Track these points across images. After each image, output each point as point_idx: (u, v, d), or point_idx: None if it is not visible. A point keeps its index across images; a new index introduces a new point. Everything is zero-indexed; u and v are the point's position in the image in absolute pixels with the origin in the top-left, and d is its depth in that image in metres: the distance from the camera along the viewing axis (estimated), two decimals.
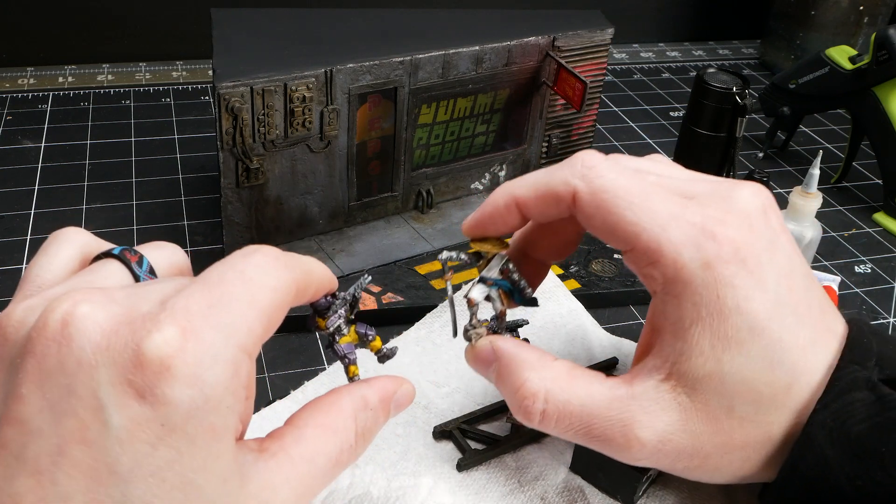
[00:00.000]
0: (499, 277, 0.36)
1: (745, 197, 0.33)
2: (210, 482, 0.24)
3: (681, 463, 0.32)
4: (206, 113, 0.78)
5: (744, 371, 0.31)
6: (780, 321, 0.31)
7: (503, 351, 0.35)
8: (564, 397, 0.33)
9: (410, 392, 0.32)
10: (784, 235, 0.33)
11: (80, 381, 0.23)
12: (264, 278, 0.26)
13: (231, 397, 0.24)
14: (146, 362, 0.23)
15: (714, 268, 0.31)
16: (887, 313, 0.58)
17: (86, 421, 0.23)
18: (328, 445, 0.28)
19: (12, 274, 0.55)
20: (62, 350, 0.23)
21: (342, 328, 0.33)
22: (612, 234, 0.33)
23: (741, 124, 0.54)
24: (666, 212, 0.32)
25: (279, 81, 0.50)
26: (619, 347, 0.48)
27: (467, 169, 0.63)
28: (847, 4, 0.90)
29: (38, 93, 0.80)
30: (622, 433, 0.32)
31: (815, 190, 0.52)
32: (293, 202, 0.55)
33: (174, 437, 0.23)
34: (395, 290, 0.54)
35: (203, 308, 0.24)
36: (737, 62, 1.02)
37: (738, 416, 0.31)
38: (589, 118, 0.67)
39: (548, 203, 0.34)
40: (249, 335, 0.25)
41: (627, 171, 0.33)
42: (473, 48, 0.57)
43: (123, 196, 0.64)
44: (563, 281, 0.54)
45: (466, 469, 0.39)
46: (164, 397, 0.23)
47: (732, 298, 0.30)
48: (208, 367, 0.24)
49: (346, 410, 0.29)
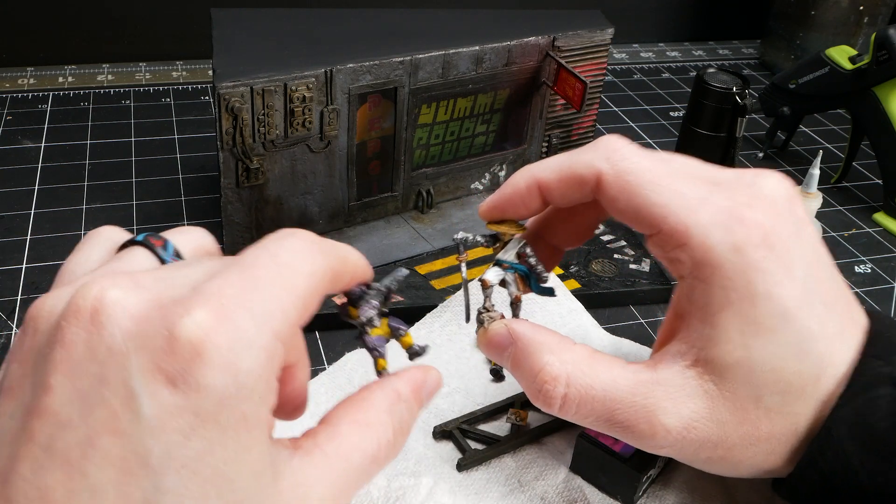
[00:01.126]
0: (515, 261, 0.35)
1: (771, 185, 0.32)
2: (242, 475, 0.23)
3: (704, 453, 0.31)
4: (206, 113, 0.78)
5: (773, 359, 0.30)
6: (809, 309, 0.30)
7: (520, 333, 0.33)
8: (586, 381, 0.31)
9: (438, 379, 0.31)
10: (809, 226, 0.33)
11: (111, 369, 0.22)
12: (300, 263, 0.26)
13: (264, 386, 0.23)
14: (178, 348, 0.22)
15: (744, 252, 0.30)
16: (887, 313, 0.58)
17: (117, 411, 0.22)
18: (364, 441, 0.27)
19: (12, 274, 0.55)
20: (92, 337, 0.22)
21: (374, 320, 0.32)
22: (638, 217, 0.32)
23: (741, 124, 0.54)
24: (693, 195, 0.31)
25: (279, 81, 0.50)
26: (619, 347, 0.48)
27: (467, 169, 0.63)
28: (847, 4, 0.90)
29: (38, 93, 0.80)
30: (647, 419, 0.31)
31: (815, 190, 0.52)
32: (293, 202, 0.55)
33: (207, 426, 0.22)
34: (395, 290, 0.54)
35: (236, 291, 0.23)
36: (737, 62, 1.02)
37: (766, 407, 0.30)
38: (589, 118, 0.67)
39: (571, 186, 0.33)
40: (284, 321, 0.24)
41: (652, 156, 0.33)
42: (473, 48, 0.57)
43: (123, 196, 0.64)
44: (563, 281, 0.54)
45: (466, 469, 0.39)
46: (196, 385, 0.22)
47: (763, 284, 0.30)
48: (242, 354, 0.23)
49: (380, 405, 0.28)
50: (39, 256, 0.56)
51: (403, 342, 0.33)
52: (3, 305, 0.52)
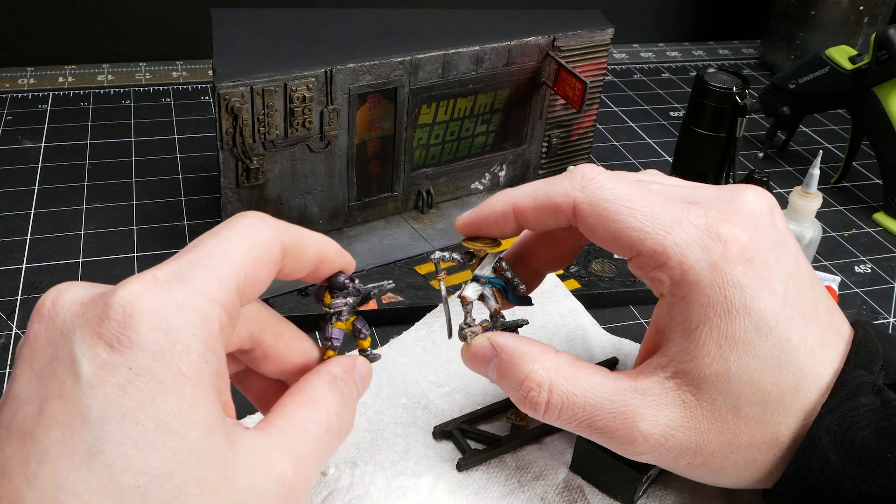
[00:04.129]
0: (492, 276, 0.37)
1: (750, 199, 0.33)
2: (189, 430, 0.24)
3: (684, 460, 0.32)
4: (206, 113, 0.78)
5: (751, 371, 0.31)
6: (787, 321, 0.31)
7: (503, 346, 0.35)
8: (568, 387, 0.33)
9: (367, 365, 0.34)
10: (790, 238, 0.33)
11: (61, 346, 0.24)
12: (239, 236, 0.28)
13: (201, 345, 0.25)
14: (111, 313, 0.24)
15: (721, 268, 0.31)
16: (887, 313, 0.58)
17: (62, 377, 0.24)
18: (314, 414, 0.29)
19: (12, 274, 0.55)
20: (49, 326, 0.25)
21: (343, 314, 0.34)
22: (616, 242, 0.33)
23: (741, 124, 0.54)
24: (668, 216, 0.32)
25: (279, 81, 0.50)
26: (619, 347, 0.48)
27: (467, 169, 0.63)
28: (847, 4, 0.90)
29: (38, 93, 0.80)
30: (625, 425, 0.32)
31: (815, 190, 0.52)
32: (293, 202, 0.55)
33: (143, 379, 0.24)
34: (395, 289, 0.54)
35: (172, 268, 0.26)
36: (737, 62, 1.02)
37: (745, 417, 0.31)
38: (589, 118, 0.67)
39: (546, 214, 0.35)
40: (221, 287, 0.26)
41: (626, 181, 0.33)
42: (473, 48, 0.57)
43: (123, 196, 0.64)
44: (563, 281, 0.54)
45: (466, 469, 0.39)
46: (129, 342, 0.24)
47: (740, 298, 0.30)
48: (174, 314, 0.25)
49: (320, 385, 0.31)
50: (39, 256, 0.56)
51: (360, 343, 0.35)
52: (3, 305, 0.52)
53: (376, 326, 0.52)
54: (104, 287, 0.26)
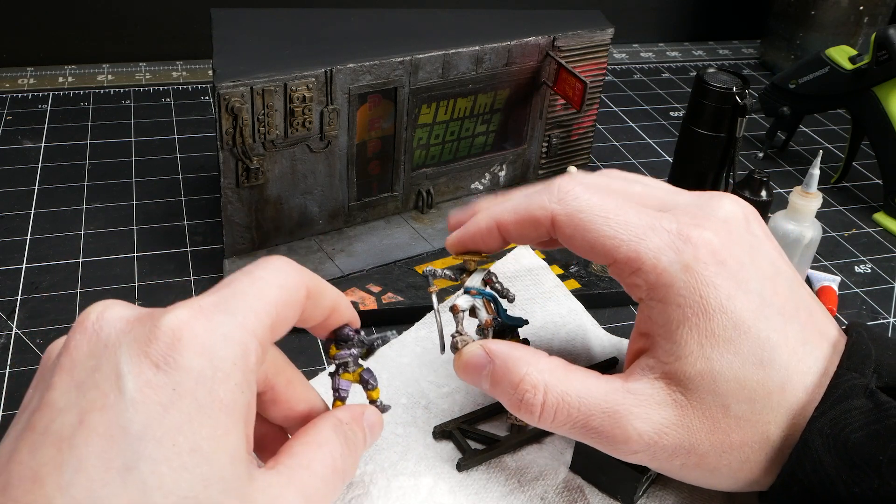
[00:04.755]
0: (482, 287, 0.37)
1: (725, 206, 0.34)
2: (219, 455, 0.25)
3: (678, 459, 0.32)
4: (206, 113, 0.78)
5: (734, 368, 0.31)
6: (766, 321, 0.32)
7: (496, 352, 0.35)
8: (562, 388, 0.33)
9: (377, 415, 0.35)
10: (768, 242, 0.34)
11: (105, 360, 0.25)
12: (271, 276, 0.29)
13: (240, 375, 0.26)
14: (160, 334, 0.25)
15: (693, 269, 0.32)
16: (887, 313, 0.58)
17: (105, 391, 0.24)
18: (320, 455, 0.30)
19: (12, 274, 0.55)
20: (91, 339, 0.26)
21: (349, 365, 0.35)
22: (593, 250, 0.34)
23: (741, 124, 0.54)
24: (642, 223, 0.33)
25: (279, 81, 0.50)
26: (619, 347, 0.48)
27: (467, 169, 0.63)
28: (847, 4, 0.90)
29: (38, 93, 0.80)
30: (620, 424, 0.32)
31: (815, 190, 0.52)
32: (293, 202, 0.55)
33: (185, 401, 0.25)
34: (395, 290, 0.54)
35: (214, 300, 0.27)
36: (737, 62, 1.02)
37: (735, 416, 0.32)
38: (589, 118, 0.67)
39: (527, 227, 0.36)
40: (258, 322, 0.27)
41: (602, 191, 0.35)
42: (473, 48, 0.57)
43: (123, 196, 0.64)
44: (563, 281, 0.54)
45: (466, 469, 0.39)
46: (175, 364, 0.25)
47: (715, 298, 0.31)
48: (218, 342, 0.26)
49: (325, 428, 0.32)
50: (39, 256, 0.56)
51: (370, 395, 0.36)
52: (3, 305, 0.52)
53: (376, 326, 0.52)
54: (148, 309, 0.27)
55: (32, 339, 0.49)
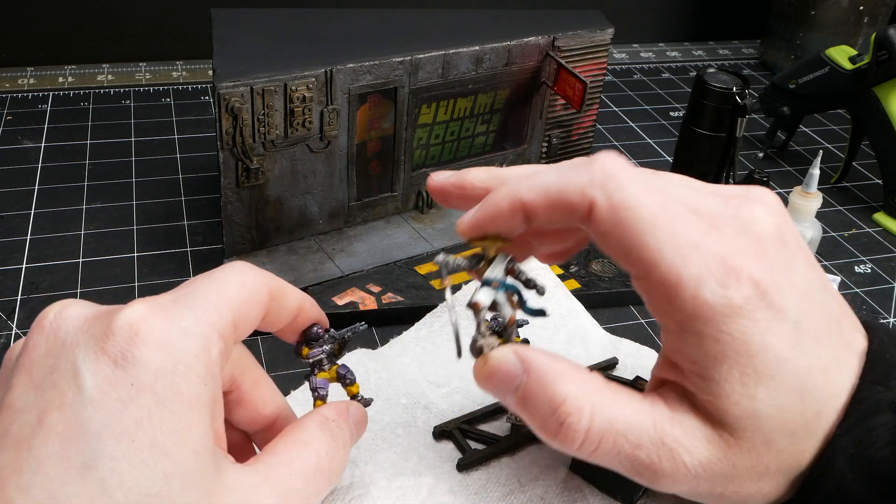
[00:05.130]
0: (504, 278, 0.32)
1: (759, 218, 0.31)
2: (181, 450, 0.24)
3: (718, 489, 0.30)
4: (206, 113, 0.78)
5: (778, 405, 0.29)
6: (802, 348, 0.29)
7: (534, 362, 0.30)
8: (610, 414, 0.29)
9: (362, 410, 0.34)
10: (800, 254, 0.31)
11: (63, 358, 0.25)
12: (231, 276, 0.29)
13: (202, 368, 0.26)
14: (117, 329, 0.25)
15: (735, 304, 0.28)
16: (887, 313, 0.58)
17: (63, 389, 0.24)
18: (303, 453, 0.30)
19: (12, 274, 0.55)
20: (49, 339, 0.26)
21: (323, 363, 0.35)
22: (628, 258, 0.30)
23: (741, 124, 0.54)
24: (687, 238, 0.29)
25: (279, 81, 0.50)
26: (618, 347, 0.48)
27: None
28: (847, 4, 0.90)
29: (38, 93, 0.80)
30: (671, 458, 0.29)
31: (815, 190, 0.52)
32: (293, 202, 0.55)
33: (144, 396, 0.24)
34: (395, 290, 0.54)
35: (172, 297, 0.27)
36: (737, 62, 1.02)
37: (777, 449, 0.30)
38: (589, 118, 0.67)
39: (560, 212, 0.30)
40: (219, 316, 0.27)
41: (650, 187, 0.30)
42: (473, 48, 0.57)
43: (123, 196, 0.64)
44: (563, 281, 0.54)
45: (466, 469, 0.39)
46: (133, 358, 0.25)
47: (757, 334, 0.29)
48: (177, 336, 0.26)
49: (311, 426, 0.31)
50: (39, 256, 0.56)
51: (349, 390, 0.35)
52: (3, 305, 0.52)
53: (376, 326, 0.52)
54: (107, 306, 0.27)
55: None
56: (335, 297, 0.52)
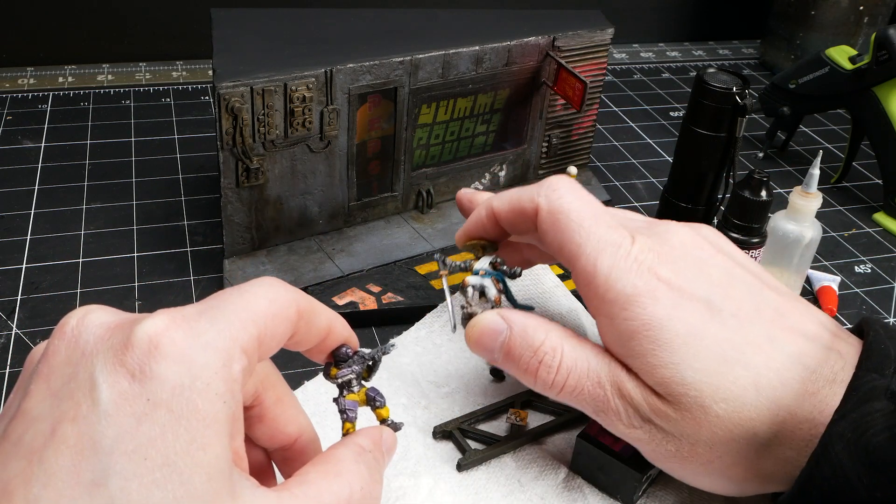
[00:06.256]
0: (490, 269, 0.39)
1: (677, 231, 0.36)
2: (194, 472, 0.24)
3: (671, 444, 0.33)
4: (206, 113, 0.78)
5: (698, 368, 0.32)
6: (719, 323, 0.33)
7: (514, 319, 0.36)
8: (576, 354, 0.35)
9: (393, 436, 0.34)
10: (718, 256, 0.36)
11: (81, 368, 0.24)
12: (262, 291, 0.28)
13: (222, 385, 0.25)
14: (136, 342, 0.24)
15: (640, 288, 0.34)
16: (887, 313, 0.58)
17: (79, 400, 0.24)
18: (335, 486, 0.28)
19: (12, 274, 0.55)
20: (70, 346, 0.25)
21: (352, 384, 0.33)
22: (560, 253, 0.36)
23: (741, 124, 0.54)
24: (607, 238, 0.35)
25: (279, 81, 0.50)
26: None
27: (467, 169, 0.63)
28: (847, 4, 0.90)
29: (38, 93, 0.80)
30: (620, 396, 0.34)
31: (815, 190, 0.52)
32: (293, 202, 0.55)
33: (159, 412, 0.23)
34: (395, 290, 0.54)
35: (196, 309, 0.26)
36: (737, 62, 1.02)
37: (716, 413, 0.32)
38: (589, 118, 0.67)
39: (517, 216, 0.38)
40: (244, 331, 0.26)
41: (585, 200, 0.36)
42: (473, 48, 0.57)
43: (123, 196, 0.64)
44: (563, 281, 0.54)
45: (466, 469, 0.39)
46: (151, 373, 0.24)
47: (663, 309, 0.33)
48: (198, 350, 0.25)
49: (346, 458, 0.30)
50: (39, 256, 0.56)
51: (378, 413, 0.34)
52: (3, 305, 0.52)
53: (376, 326, 0.52)
54: (131, 315, 0.26)
55: (32, 339, 0.49)
56: (335, 298, 0.52)
